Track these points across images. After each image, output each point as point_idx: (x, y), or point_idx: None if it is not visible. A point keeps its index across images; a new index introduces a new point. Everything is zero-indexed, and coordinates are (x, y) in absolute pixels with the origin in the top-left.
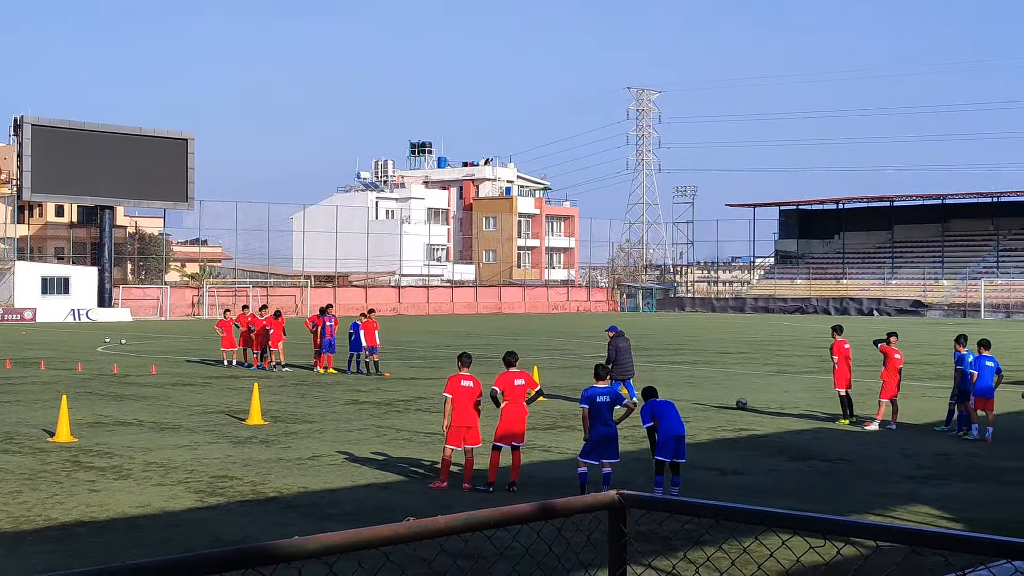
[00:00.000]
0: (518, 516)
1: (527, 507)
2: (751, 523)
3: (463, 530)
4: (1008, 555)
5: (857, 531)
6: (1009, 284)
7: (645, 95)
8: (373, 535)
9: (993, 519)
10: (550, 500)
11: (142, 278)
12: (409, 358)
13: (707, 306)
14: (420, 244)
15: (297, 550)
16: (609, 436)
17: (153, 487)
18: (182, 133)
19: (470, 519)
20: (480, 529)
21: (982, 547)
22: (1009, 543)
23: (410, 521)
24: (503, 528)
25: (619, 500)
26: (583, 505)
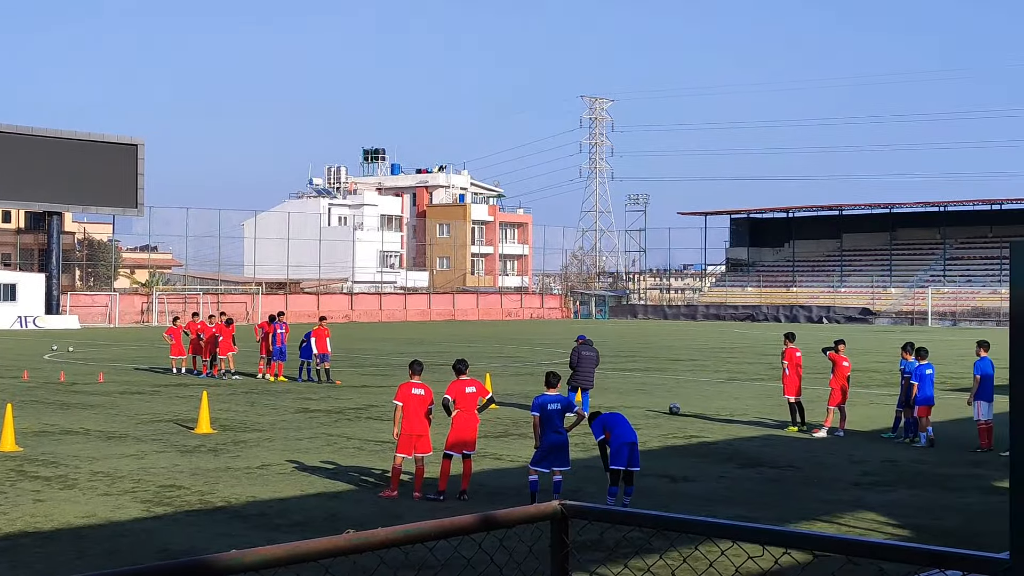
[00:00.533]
0: (459, 527)
1: (468, 518)
2: (691, 533)
3: (403, 542)
4: (941, 565)
5: (794, 541)
6: (955, 292)
7: (598, 104)
8: (312, 548)
9: (939, 525)
10: (492, 511)
11: (91, 285)
12: (361, 366)
13: (659, 313)
14: (373, 251)
15: (235, 564)
16: (560, 444)
17: (99, 497)
18: (132, 139)
19: (410, 531)
20: (421, 541)
21: (916, 556)
22: (942, 552)
23: (350, 533)
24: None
25: (561, 510)
26: (525, 516)
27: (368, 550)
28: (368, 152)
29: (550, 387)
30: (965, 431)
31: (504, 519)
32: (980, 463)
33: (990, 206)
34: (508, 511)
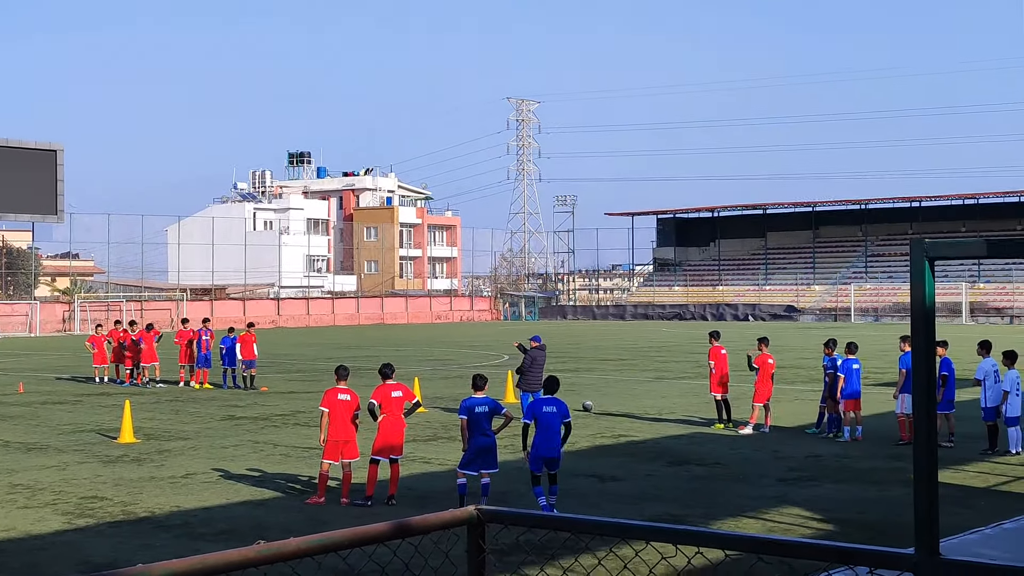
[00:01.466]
0: (374, 535)
1: (383, 526)
2: (605, 535)
3: (317, 552)
4: (850, 561)
5: (705, 540)
6: (877, 289)
7: (524, 105)
8: (221, 560)
9: (862, 519)
10: (406, 518)
11: (10, 294)
12: (287, 371)
13: (588, 314)
14: (300, 255)
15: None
16: (488, 446)
17: (18, 510)
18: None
19: (323, 540)
20: (335, 550)
21: (825, 553)
22: (851, 549)
23: (260, 544)
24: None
25: (477, 516)
26: (440, 522)
27: (280, 560)
28: (293, 156)
29: (477, 390)
30: (887, 425)
31: (419, 526)
32: (902, 456)
33: (910, 203)
34: (423, 518)
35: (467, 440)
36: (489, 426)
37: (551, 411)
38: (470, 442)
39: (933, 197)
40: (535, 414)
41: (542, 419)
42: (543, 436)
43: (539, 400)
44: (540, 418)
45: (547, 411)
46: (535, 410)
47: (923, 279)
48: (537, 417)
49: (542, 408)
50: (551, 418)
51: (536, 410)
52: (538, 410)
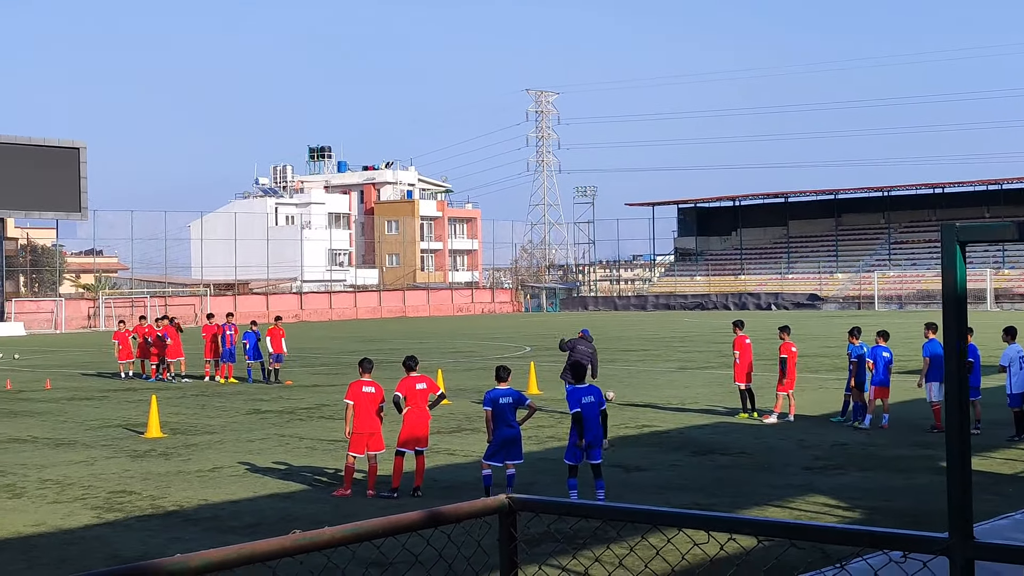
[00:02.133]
0: (407, 524)
1: (416, 515)
2: (637, 522)
3: (350, 541)
4: (883, 546)
5: (739, 526)
6: (901, 276)
7: (543, 97)
8: (257, 549)
9: (889, 507)
10: (439, 507)
11: (35, 291)
12: (312, 365)
13: (610, 304)
14: (322, 249)
15: (179, 568)
16: (512, 437)
17: (48, 505)
18: (73, 142)
19: (358, 529)
20: (368, 539)
21: (858, 538)
22: (884, 534)
23: (296, 534)
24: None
25: (508, 504)
26: (472, 510)
27: (315, 550)
28: (314, 150)
29: (501, 381)
30: (914, 413)
31: (451, 514)
32: (929, 444)
33: (933, 190)
34: (455, 506)
35: (492, 431)
36: (514, 417)
37: (590, 401)
38: (495, 433)
39: (956, 183)
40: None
41: (584, 409)
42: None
43: (578, 389)
44: (582, 408)
45: (586, 401)
46: (578, 399)
47: (955, 264)
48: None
49: (581, 398)
50: (591, 408)
51: (578, 399)
52: (580, 399)
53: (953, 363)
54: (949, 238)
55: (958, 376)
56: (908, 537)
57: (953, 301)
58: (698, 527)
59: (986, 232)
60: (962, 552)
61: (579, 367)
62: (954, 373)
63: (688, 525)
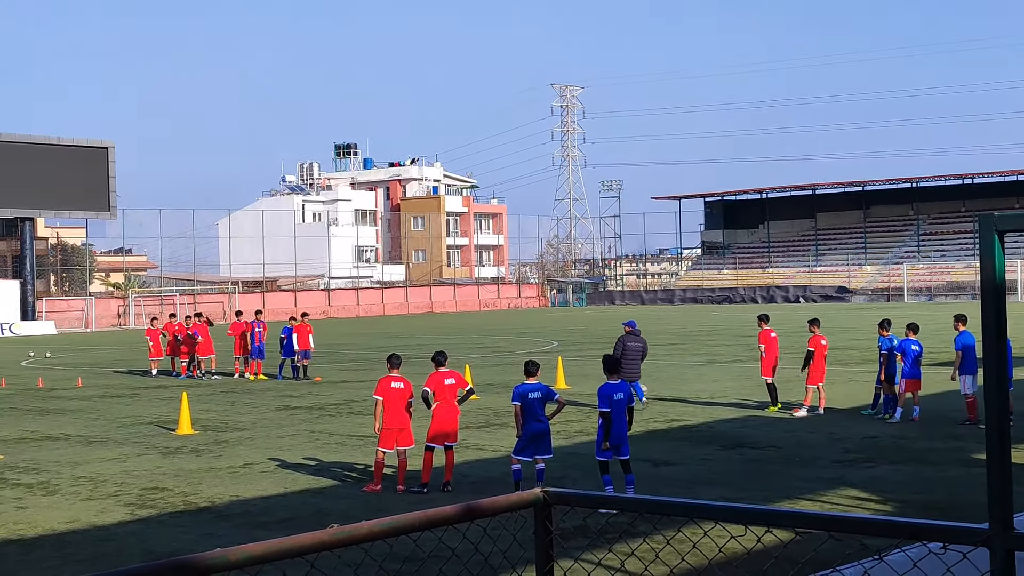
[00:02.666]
0: (443, 518)
1: (452, 509)
2: (673, 515)
3: (387, 535)
4: (922, 537)
5: (776, 519)
6: (930, 268)
7: (568, 91)
8: (295, 543)
9: (921, 500)
10: (475, 501)
11: (66, 290)
12: (340, 361)
13: (636, 299)
14: (348, 246)
15: (219, 562)
16: (541, 432)
17: (82, 502)
18: (101, 141)
19: (395, 523)
20: (405, 533)
21: (897, 530)
22: (923, 525)
23: (333, 528)
24: (430, 530)
25: (544, 497)
26: (508, 504)
27: (353, 543)
28: (340, 147)
29: (529, 376)
30: (945, 405)
31: (487, 508)
32: (960, 437)
33: (962, 181)
34: (491, 500)
35: (520, 426)
36: (542, 412)
37: (620, 397)
38: (524, 428)
39: (986, 174)
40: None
41: (614, 407)
42: (612, 424)
43: (609, 385)
44: (613, 406)
45: (617, 398)
46: (609, 396)
47: (993, 253)
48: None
49: (613, 395)
50: (620, 404)
51: (609, 396)
52: (611, 396)
53: (992, 353)
54: (987, 228)
55: (997, 366)
56: (948, 528)
57: (992, 291)
58: (734, 520)
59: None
60: (1003, 543)
61: (611, 360)
62: (993, 363)
63: (725, 518)
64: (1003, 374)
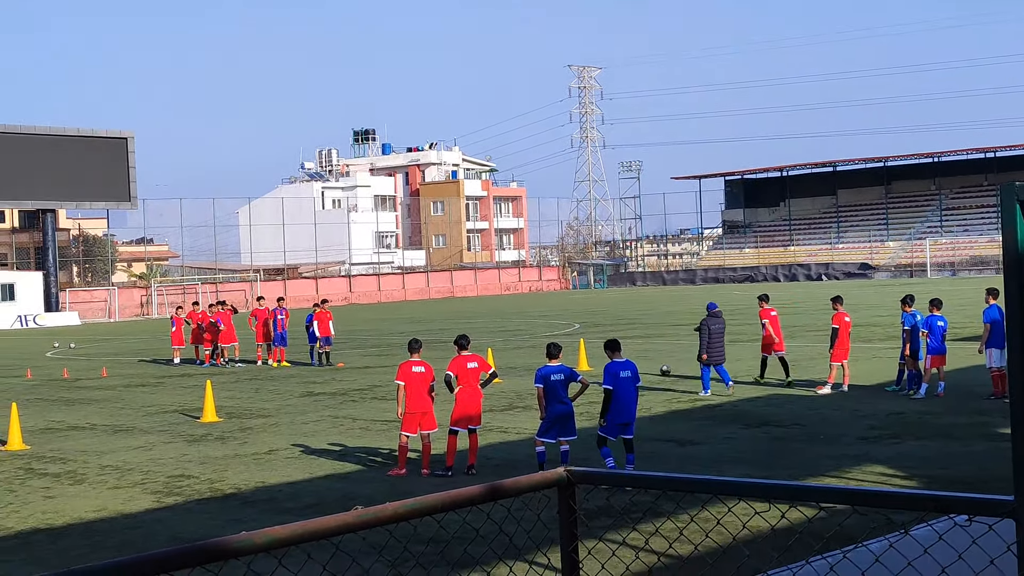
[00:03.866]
0: (467, 498)
1: (475, 489)
2: (697, 492)
3: (412, 516)
4: (947, 510)
5: (800, 494)
6: (953, 243)
7: (586, 72)
8: (320, 526)
9: (946, 475)
10: (498, 481)
11: (88, 280)
12: (363, 347)
13: (658, 279)
14: (368, 232)
15: (245, 545)
16: (565, 414)
17: (109, 490)
18: (121, 132)
19: (418, 504)
20: (429, 514)
21: (922, 503)
22: (948, 497)
23: (358, 510)
24: (454, 511)
25: (567, 476)
26: (531, 484)
27: (377, 525)
28: (358, 133)
29: (552, 358)
30: (969, 380)
31: (511, 488)
32: (985, 411)
33: (984, 154)
34: (515, 480)
35: (544, 408)
36: (565, 394)
37: (627, 376)
38: (547, 410)
39: (1008, 147)
40: (615, 379)
41: (620, 385)
42: (620, 403)
43: (615, 363)
44: (617, 384)
45: (624, 376)
46: (615, 374)
47: (1015, 223)
48: (616, 383)
49: (619, 372)
50: (627, 383)
51: (615, 374)
52: (616, 374)
53: (1017, 325)
54: (1009, 197)
55: (1022, 338)
56: (973, 501)
57: (1015, 261)
58: (759, 497)
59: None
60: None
61: (613, 341)
62: (1017, 335)
63: (749, 495)
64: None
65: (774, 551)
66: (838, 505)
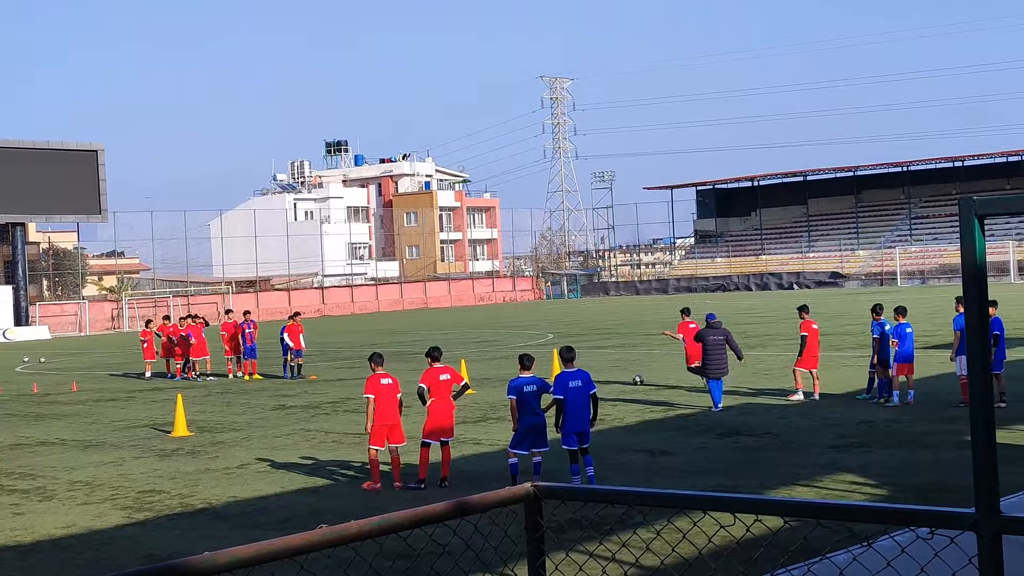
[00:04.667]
0: (433, 515)
1: (442, 506)
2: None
3: (377, 533)
4: (910, 523)
5: (764, 508)
6: (923, 251)
7: (558, 83)
8: (285, 545)
9: (916, 483)
10: (464, 497)
11: (59, 294)
12: (335, 359)
13: (631, 289)
14: (341, 243)
15: (208, 566)
16: (538, 425)
17: (79, 506)
18: (91, 144)
19: (384, 522)
20: (395, 531)
21: (884, 516)
22: (910, 511)
23: (322, 528)
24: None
25: (534, 492)
26: (498, 499)
27: (343, 543)
28: (330, 144)
29: (524, 369)
30: (939, 388)
31: (477, 504)
32: (954, 419)
33: (952, 163)
34: (481, 496)
35: (517, 420)
36: (538, 405)
37: (577, 385)
38: (520, 422)
39: (976, 156)
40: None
41: (570, 394)
42: (572, 411)
43: (565, 373)
44: (568, 393)
45: (573, 385)
46: (564, 384)
47: (973, 238)
48: (566, 392)
49: (568, 382)
50: (576, 392)
51: (564, 384)
52: (565, 384)
53: (975, 336)
54: (967, 212)
55: (981, 349)
56: (936, 514)
57: (973, 275)
58: (724, 509)
59: (1005, 204)
60: (989, 527)
61: (568, 349)
62: (976, 346)
63: (714, 508)
64: (987, 356)
65: (740, 564)
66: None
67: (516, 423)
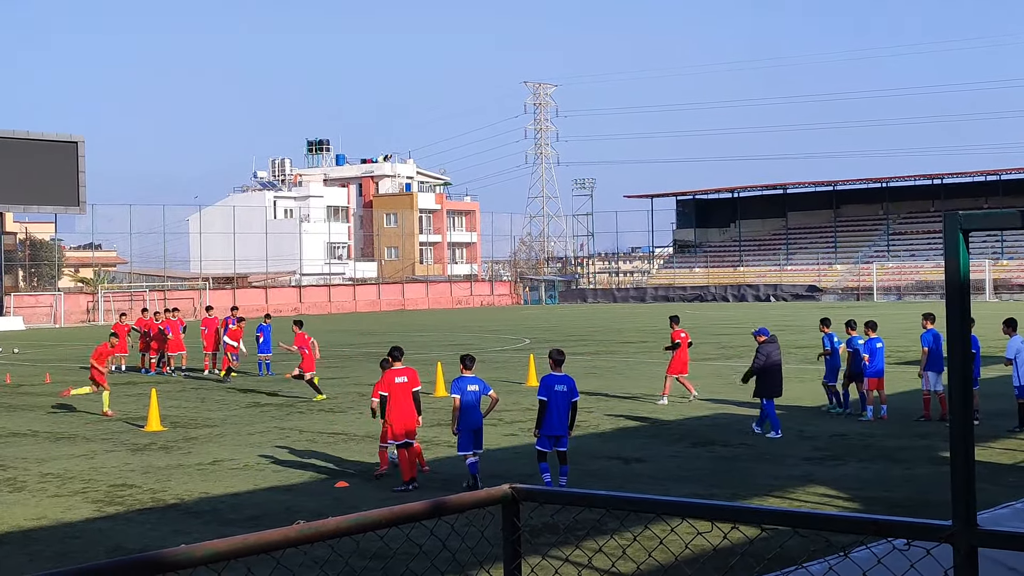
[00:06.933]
0: (410, 514)
1: (420, 505)
2: (640, 511)
3: (354, 531)
4: (886, 534)
5: (742, 516)
6: (899, 267)
7: (541, 89)
8: (261, 540)
9: (888, 497)
10: (442, 497)
11: (34, 285)
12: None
13: (609, 297)
14: (320, 243)
15: (184, 558)
16: (480, 426)
17: (49, 499)
18: (71, 136)
19: (360, 520)
20: (372, 529)
21: (862, 526)
22: (887, 521)
23: (299, 524)
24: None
25: (512, 494)
26: (476, 500)
27: (319, 540)
28: (312, 143)
29: (467, 369)
30: (913, 403)
31: (455, 504)
32: (927, 434)
33: (931, 181)
34: (459, 496)
35: (458, 420)
36: (479, 405)
37: (562, 390)
38: (464, 422)
39: (954, 174)
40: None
41: (553, 397)
42: (554, 415)
43: (552, 376)
44: (552, 396)
45: (559, 389)
46: (549, 387)
47: (957, 252)
48: (550, 395)
49: (555, 386)
50: (560, 397)
51: (550, 387)
52: (551, 387)
53: (957, 351)
54: (952, 227)
55: (962, 364)
56: (912, 525)
57: (956, 290)
58: (702, 516)
59: (989, 220)
60: (965, 539)
61: (558, 352)
62: (958, 361)
63: (692, 514)
64: (968, 371)
65: (716, 571)
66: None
67: (456, 423)
